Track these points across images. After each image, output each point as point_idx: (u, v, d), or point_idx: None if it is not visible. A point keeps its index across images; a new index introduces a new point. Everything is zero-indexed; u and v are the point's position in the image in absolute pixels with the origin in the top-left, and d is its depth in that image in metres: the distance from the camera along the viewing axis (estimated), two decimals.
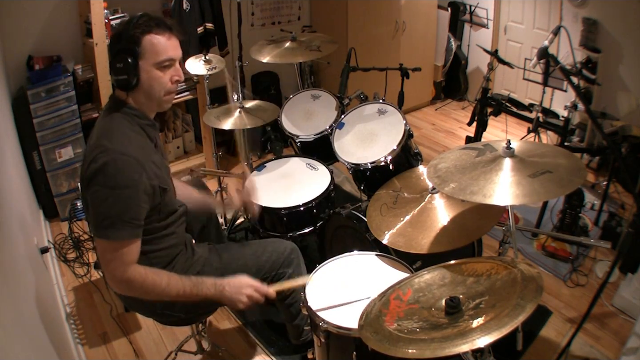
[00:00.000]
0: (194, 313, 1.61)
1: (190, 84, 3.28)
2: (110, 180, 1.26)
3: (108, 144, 1.28)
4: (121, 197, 1.27)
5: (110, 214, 1.26)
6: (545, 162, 1.30)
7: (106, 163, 1.25)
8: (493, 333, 0.92)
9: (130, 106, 1.37)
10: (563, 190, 1.21)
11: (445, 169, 1.38)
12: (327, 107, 2.41)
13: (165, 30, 1.33)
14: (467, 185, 1.27)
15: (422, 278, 1.25)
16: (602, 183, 3.08)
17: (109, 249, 1.29)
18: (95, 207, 1.28)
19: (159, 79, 1.35)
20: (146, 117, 1.40)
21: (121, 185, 1.27)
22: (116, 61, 1.29)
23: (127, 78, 1.30)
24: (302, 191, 2.06)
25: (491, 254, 2.58)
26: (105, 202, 1.26)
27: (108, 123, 1.35)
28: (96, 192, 1.26)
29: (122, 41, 1.30)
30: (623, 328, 2.18)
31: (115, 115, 1.35)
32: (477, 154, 1.40)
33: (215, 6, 3.21)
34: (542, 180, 1.22)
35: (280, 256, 1.69)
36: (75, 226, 2.89)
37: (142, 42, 1.30)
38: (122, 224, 1.27)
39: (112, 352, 2.13)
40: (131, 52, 1.29)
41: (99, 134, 1.33)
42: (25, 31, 2.90)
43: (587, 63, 3.49)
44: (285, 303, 1.75)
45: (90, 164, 1.27)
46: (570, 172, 1.25)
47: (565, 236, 2.63)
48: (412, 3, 4.24)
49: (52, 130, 2.86)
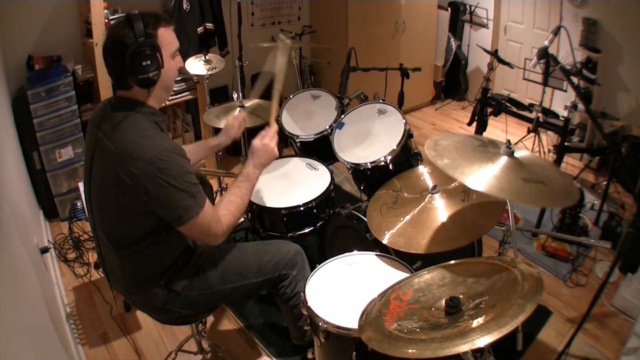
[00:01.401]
0: (194, 310, 1.61)
1: (190, 84, 3.28)
2: (170, 176, 1.29)
3: (153, 143, 1.30)
4: (184, 180, 1.32)
5: (185, 200, 1.32)
6: (543, 173, 1.30)
7: (160, 162, 1.28)
8: (493, 333, 0.92)
9: (145, 104, 1.38)
10: (550, 203, 1.23)
11: (444, 146, 1.38)
12: (327, 107, 2.41)
13: (168, 22, 1.38)
14: (460, 165, 1.27)
15: (422, 278, 1.25)
16: (602, 183, 3.08)
17: (202, 221, 1.37)
18: (167, 203, 1.32)
19: (173, 68, 1.42)
20: (159, 113, 1.43)
21: (180, 173, 1.31)
22: (140, 60, 1.29)
23: (155, 74, 1.33)
24: (302, 191, 2.06)
25: (491, 254, 2.58)
26: (175, 195, 1.31)
27: (133, 123, 1.34)
28: (161, 190, 1.29)
29: (139, 39, 1.28)
30: (623, 328, 2.18)
31: (132, 115, 1.35)
32: (480, 144, 1.40)
33: (215, 6, 3.21)
34: (533, 187, 1.23)
35: (284, 257, 1.69)
36: (75, 226, 2.89)
37: (158, 37, 1.33)
38: (196, 196, 1.35)
39: (112, 352, 2.13)
40: (155, 48, 1.31)
41: (136, 136, 1.32)
42: (25, 31, 2.90)
43: (587, 63, 3.49)
44: (289, 305, 1.74)
45: (138, 165, 1.27)
46: (563, 191, 1.25)
47: (565, 236, 2.63)
48: (412, 3, 4.24)
49: (52, 130, 2.86)
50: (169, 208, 1.33)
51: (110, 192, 1.35)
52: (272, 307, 2.29)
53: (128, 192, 1.31)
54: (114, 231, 1.44)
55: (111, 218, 1.41)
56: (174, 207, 1.33)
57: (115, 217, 1.40)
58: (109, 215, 1.41)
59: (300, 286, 1.69)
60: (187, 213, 1.34)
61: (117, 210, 1.37)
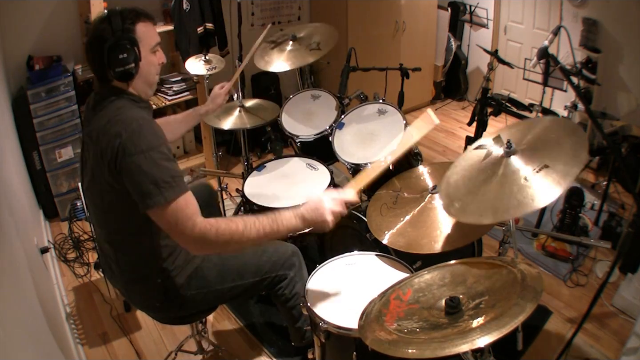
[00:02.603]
0: (192, 309, 1.61)
1: (190, 84, 3.29)
2: (143, 143, 1.25)
3: (125, 117, 1.29)
4: (159, 156, 1.26)
5: (158, 176, 1.24)
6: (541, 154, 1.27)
7: (132, 131, 1.25)
8: (493, 333, 0.92)
9: (129, 92, 1.39)
10: (565, 178, 1.16)
11: (454, 183, 1.41)
12: (327, 107, 2.41)
13: (148, 18, 1.40)
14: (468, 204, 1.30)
15: (422, 278, 1.25)
16: (602, 183, 3.08)
17: (171, 211, 1.25)
18: (137, 177, 1.24)
19: (154, 63, 1.42)
20: (143, 100, 1.44)
21: (155, 144, 1.27)
22: (117, 53, 1.30)
23: (132, 67, 1.33)
24: (302, 191, 2.06)
25: (491, 254, 2.58)
26: (147, 167, 1.24)
27: (115, 106, 1.34)
28: (132, 162, 1.24)
29: (116, 34, 1.31)
30: (623, 328, 2.18)
31: (114, 99, 1.36)
32: (480, 157, 1.41)
33: (215, 6, 3.21)
34: (542, 174, 1.20)
35: (281, 258, 1.68)
36: (75, 226, 2.89)
37: (136, 31, 1.35)
38: (172, 180, 1.26)
39: (112, 352, 2.13)
40: (132, 42, 1.33)
41: (111, 115, 1.31)
42: (25, 31, 2.90)
43: (587, 63, 3.49)
44: (288, 306, 1.74)
45: (112, 140, 1.25)
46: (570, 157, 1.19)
47: (565, 236, 2.63)
48: (412, 3, 4.24)
49: (52, 130, 2.86)
50: (139, 184, 1.24)
51: (98, 186, 1.35)
52: (272, 307, 2.29)
53: (108, 175, 1.29)
54: (107, 226, 1.45)
55: (103, 213, 1.42)
56: (142, 182, 1.24)
57: (106, 212, 1.41)
58: (100, 210, 1.42)
59: (299, 287, 1.69)
60: (159, 190, 1.23)
61: (106, 205, 1.38)
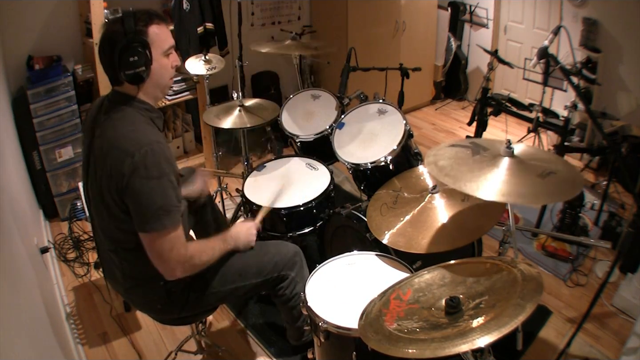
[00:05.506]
0: (193, 311, 1.61)
1: (190, 84, 3.28)
2: (154, 170, 1.27)
3: (140, 137, 1.30)
4: (167, 184, 1.30)
5: (162, 203, 1.28)
6: (543, 162, 1.29)
7: (146, 153, 1.26)
8: (493, 333, 0.92)
9: (139, 100, 1.39)
10: (573, 189, 1.18)
11: (445, 164, 1.36)
12: (327, 107, 2.41)
13: (161, 20, 1.39)
14: (462, 178, 1.25)
15: (422, 278, 1.25)
16: (602, 183, 3.08)
17: (168, 237, 1.31)
18: (143, 200, 1.28)
19: (166, 66, 1.41)
20: (155, 110, 1.43)
21: (165, 172, 1.29)
22: (128, 55, 1.30)
23: (143, 70, 1.33)
24: (302, 191, 2.06)
25: (491, 254, 2.58)
26: (154, 193, 1.28)
27: (126, 118, 1.35)
28: (141, 185, 1.27)
29: (128, 36, 1.30)
30: (623, 328, 2.18)
31: (127, 110, 1.36)
32: (473, 153, 1.38)
33: (215, 6, 3.21)
34: (553, 179, 1.20)
35: (283, 258, 1.69)
36: (75, 226, 2.89)
37: (149, 34, 1.34)
38: (174, 209, 1.31)
39: (112, 352, 2.13)
40: (143, 44, 1.32)
41: (125, 130, 1.32)
42: (25, 31, 2.90)
43: (587, 63, 3.49)
44: (288, 306, 1.74)
45: (124, 157, 1.26)
46: (570, 175, 1.24)
47: (565, 236, 2.63)
48: (412, 3, 4.24)
49: (52, 130, 2.86)
50: (142, 206, 1.28)
51: (106, 198, 1.35)
52: (272, 307, 2.28)
53: (115, 192, 1.30)
54: (110, 232, 1.44)
55: (106, 219, 1.41)
56: (147, 205, 1.28)
57: (112, 224, 1.40)
58: (103, 216, 1.41)
59: (299, 287, 1.69)
60: (159, 216, 1.28)
61: (114, 218, 1.37)
